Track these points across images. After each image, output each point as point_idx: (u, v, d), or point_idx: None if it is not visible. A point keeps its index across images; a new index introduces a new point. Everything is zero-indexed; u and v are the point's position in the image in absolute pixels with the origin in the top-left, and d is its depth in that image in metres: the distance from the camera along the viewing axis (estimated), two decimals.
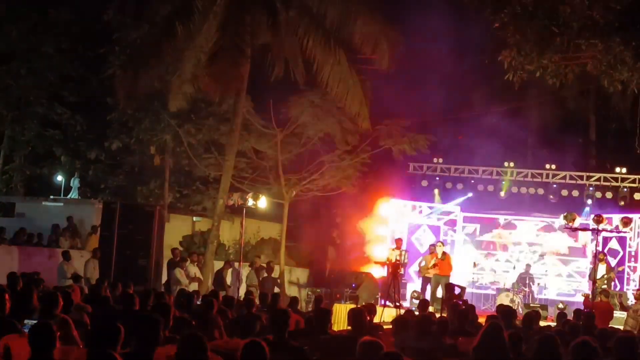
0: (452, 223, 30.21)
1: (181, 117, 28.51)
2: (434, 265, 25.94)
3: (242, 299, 19.31)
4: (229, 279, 26.30)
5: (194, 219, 32.74)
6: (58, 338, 7.83)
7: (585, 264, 27.67)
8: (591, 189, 28.63)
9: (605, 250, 26.93)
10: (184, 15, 24.37)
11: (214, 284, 25.36)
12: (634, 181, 28.48)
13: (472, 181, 29.55)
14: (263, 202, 26.88)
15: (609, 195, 28.43)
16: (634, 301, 23.32)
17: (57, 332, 7.91)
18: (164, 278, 25.79)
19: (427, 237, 29.44)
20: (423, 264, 26.88)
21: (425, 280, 26.77)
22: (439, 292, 24.72)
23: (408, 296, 27.51)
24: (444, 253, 26.12)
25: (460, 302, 18.89)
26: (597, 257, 25.04)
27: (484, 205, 29.85)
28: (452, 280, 25.27)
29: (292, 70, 25.52)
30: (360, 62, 26.13)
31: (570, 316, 17.56)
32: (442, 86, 28.45)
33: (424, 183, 30.04)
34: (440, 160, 29.93)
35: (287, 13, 25.41)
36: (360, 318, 10.31)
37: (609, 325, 18.06)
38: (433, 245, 27.12)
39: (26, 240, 27.30)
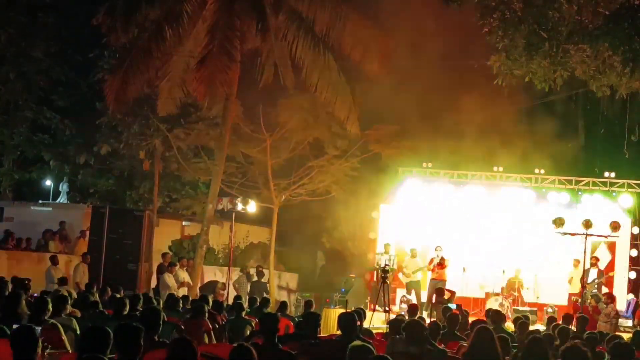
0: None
1: (170, 121, 28.48)
2: (433, 269, 26.03)
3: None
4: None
5: (183, 223, 32.71)
6: (41, 342, 7.80)
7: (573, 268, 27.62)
8: (580, 193, 28.68)
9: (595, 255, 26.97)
10: (173, 20, 24.35)
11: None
12: (622, 185, 28.53)
13: (462, 185, 29.54)
14: (252, 207, 26.89)
15: (597, 199, 28.47)
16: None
17: (42, 336, 7.88)
18: (154, 283, 25.76)
19: (416, 241, 29.40)
20: (406, 270, 26.90)
21: (410, 285, 26.81)
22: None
23: (397, 301, 27.52)
24: (442, 258, 26.15)
25: (455, 307, 18.95)
26: (590, 262, 25.15)
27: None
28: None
29: (281, 74, 25.52)
30: (349, 67, 26.14)
31: (559, 320, 17.58)
32: (431, 91, 28.44)
33: (414, 187, 29.99)
34: (430, 164, 29.91)
35: (276, 18, 25.43)
36: (350, 322, 10.31)
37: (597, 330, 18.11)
38: (414, 250, 27.26)
39: (15, 245, 27.24)
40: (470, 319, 17.49)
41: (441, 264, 26.08)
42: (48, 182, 37.54)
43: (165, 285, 23.63)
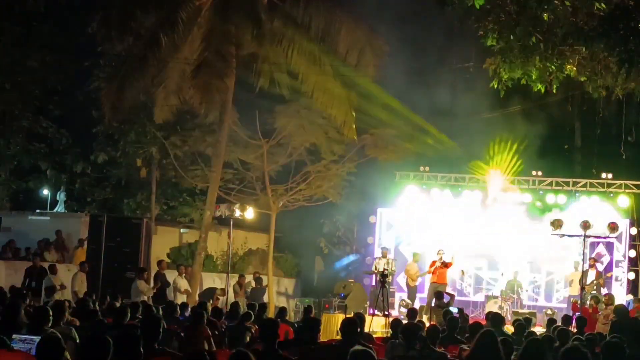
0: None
1: (167, 129, 28.49)
2: (434, 272, 26.04)
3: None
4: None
5: (181, 230, 32.68)
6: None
7: (570, 270, 27.58)
8: (577, 194, 28.68)
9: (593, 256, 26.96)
10: (168, 27, 24.35)
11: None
12: (620, 186, 28.54)
13: (459, 189, 29.55)
14: (250, 213, 26.85)
15: (595, 200, 28.48)
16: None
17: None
18: None
19: (414, 245, 29.39)
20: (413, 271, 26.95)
21: (413, 289, 26.84)
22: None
23: (396, 305, 27.53)
24: (444, 262, 26.15)
25: (456, 311, 18.94)
26: (588, 263, 25.14)
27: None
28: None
29: (277, 80, 25.53)
30: (345, 71, 26.15)
31: (559, 322, 17.56)
32: (428, 94, 28.45)
33: (411, 191, 29.99)
34: (427, 168, 29.91)
35: (271, 23, 25.42)
36: (352, 328, 10.28)
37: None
38: (417, 254, 27.32)
39: (13, 255, 27.19)
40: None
41: (444, 267, 26.09)
42: (45, 192, 37.52)
43: (136, 292, 22.88)
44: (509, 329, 16.76)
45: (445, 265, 26.12)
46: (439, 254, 26.38)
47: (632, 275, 28.09)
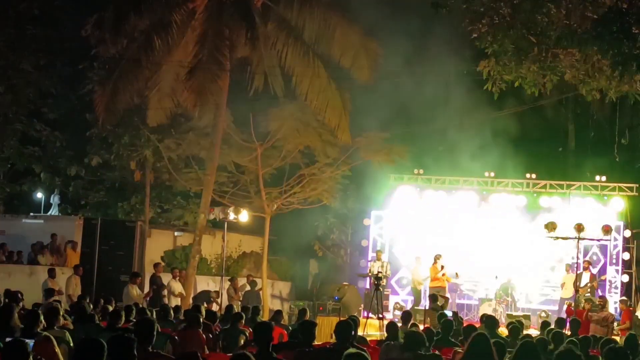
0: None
1: (161, 132, 28.42)
2: (436, 278, 26.09)
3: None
4: None
5: (176, 233, 32.61)
6: (34, 356, 7.77)
7: (563, 272, 27.61)
8: (571, 197, 28.71)
9: (587, 259, 27.00)
10: (162, 30, 24.36)
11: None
12: (613, 189, 28.57)
13: (453, 191, 29.56)
14: (244, 216, 26.85)
15: (589, 203, 28.50)
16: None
17: (35, 349, 7.85)
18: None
19: (410, 248, 29.41)
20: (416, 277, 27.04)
21: (419, 293, 26.90)
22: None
23: (391, 307, 27.53)
24: (442, 267, 26.20)
25: (451, 314, 18.94)
26: (582, 266, 25.17)
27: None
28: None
29: (271, 83, 25.49)
30: (339, 74, 26.14)
31: (553, 325, 17.57)
32: (422, 97, 28.45)
33: (406, 194, 29.99)
34: (421, 171, 29.92)
35: (265, 26, 25.42)
36: (346, 330, 10.27)
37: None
38: (420, 258, 27.40)
39: (7, 258, 27.13)
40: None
41: (444, 272, 26.25)
42: (39, 195, 37.44)
43: (127, 298, 22.68)
44: (503, 331, 16.77)
45: (442, 274, 26.23)
46: (437, 259, 26.40)
47: (625, 278, 28.13)
